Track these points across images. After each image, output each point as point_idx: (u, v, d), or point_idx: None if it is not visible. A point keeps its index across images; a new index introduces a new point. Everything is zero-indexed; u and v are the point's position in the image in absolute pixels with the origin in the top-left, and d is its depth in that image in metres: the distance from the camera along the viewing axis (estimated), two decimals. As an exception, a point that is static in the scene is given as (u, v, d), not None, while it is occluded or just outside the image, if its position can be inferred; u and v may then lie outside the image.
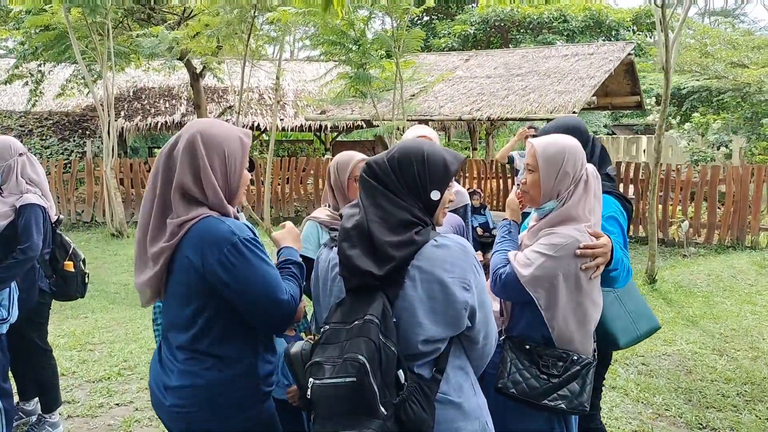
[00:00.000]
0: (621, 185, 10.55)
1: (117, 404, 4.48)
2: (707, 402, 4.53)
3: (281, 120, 16.27)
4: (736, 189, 10.20)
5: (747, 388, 4.76)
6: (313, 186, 13.52)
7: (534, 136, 6.75)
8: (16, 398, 3.99)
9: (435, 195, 1.77)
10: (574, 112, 9.59)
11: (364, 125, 11.22)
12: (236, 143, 1.99)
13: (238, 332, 1.98)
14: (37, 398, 4.07)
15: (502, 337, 2.44)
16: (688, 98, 18.89)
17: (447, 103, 10.96)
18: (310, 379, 1.59)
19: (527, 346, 2.35)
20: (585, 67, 11.12)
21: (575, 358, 2.31)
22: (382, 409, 1.54)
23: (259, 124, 16.36)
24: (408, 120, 8.56)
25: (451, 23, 20.31)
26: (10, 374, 3.76)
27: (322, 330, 1.70)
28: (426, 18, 21.31)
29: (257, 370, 2.04)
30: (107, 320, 6.71)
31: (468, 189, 9.69)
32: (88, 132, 16.32)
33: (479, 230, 8.27)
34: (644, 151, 17.66)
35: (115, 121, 13.06)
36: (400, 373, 1.64)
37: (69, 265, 3.91)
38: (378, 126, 9.53)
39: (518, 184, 2.59)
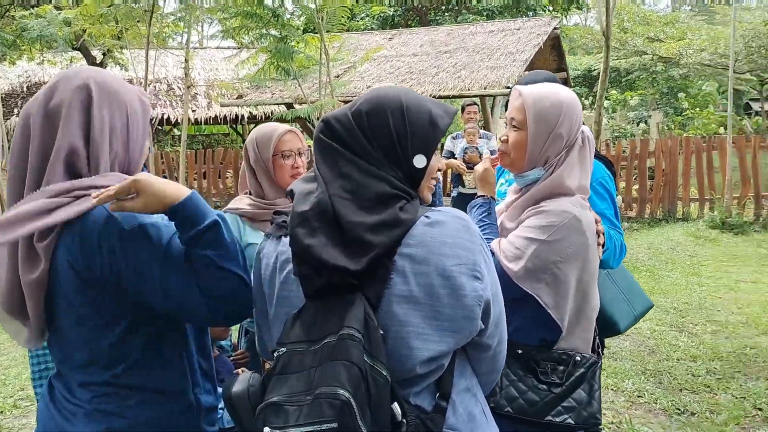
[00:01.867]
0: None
1: (11, 445, 3.76)
2: (679, 384, 4.28)
3: (193, 111, 15.30)
4: (665, 162, 10.27)
5: (715, 365, 4.54)
6: (233, 179, 12.74)
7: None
8: None
9: (419, 161, 1.34)
10: (507, 87, 9.36)
11: (285, 109, 10.58)
12: (136, 101, 1.53)
13: (163, 353, 1.47)
14: None
15: None
16: (599, 79, 19.40)
17: (374, 83, 10.50)
18: (266, 429, 1.13)
19: (519, 351, 1.88)
20: (513, 42, 10.98)
21: (578, 359, 1.87)
22: None
23: (169, 117, 15.36)
24: (338, 100, 7.99)
25: (368, 5, 19.99)
26: None
27: (275, 354, 1.23)
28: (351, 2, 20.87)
29: (199, 403, 1.53)
30: (0, 341, 5.83)
31: None
32: (-25, 131, 14.85)
33: None
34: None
35: (7, 119, 11.81)
36: (396, 407, 1.20)
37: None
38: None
39: (501, 141, 2.07)
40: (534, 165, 1.91)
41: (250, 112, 16.26)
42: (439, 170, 1.45)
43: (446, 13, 19.33)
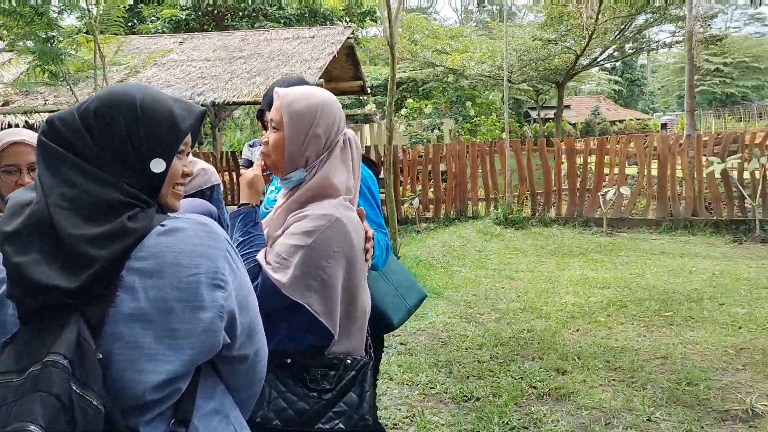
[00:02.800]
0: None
1: None
2: (467, 372, 4.51)
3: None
4: (455, 165, 11.01)
5: (498, 351, 4.86)
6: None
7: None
8: None
9: (157, 165, 1.22)
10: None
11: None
12: None
13: None
14: None
15: None
16: (399, 88, 20.61)
17: (163, 89, 9.90)
18: None
19: (288, 360, 1.82)
20: (308, 50, 11.08)
21: (349, 362, 1.85)
22: None
23: None
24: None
25: (159, 8, 19.01)
26: None
27: None
28: (130, 2, 19.61)
29: None
30: None
31: None
32: None
33: None
34: (368, 138, 18.50)
35: None
36: None
37: None
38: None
39: (262, 143, 2.00)
40: (295, 166, 1.87)
41: (26, 121, 14.55)
42: (187, 175, 1.32)
43: (243, 20, 19.02)
